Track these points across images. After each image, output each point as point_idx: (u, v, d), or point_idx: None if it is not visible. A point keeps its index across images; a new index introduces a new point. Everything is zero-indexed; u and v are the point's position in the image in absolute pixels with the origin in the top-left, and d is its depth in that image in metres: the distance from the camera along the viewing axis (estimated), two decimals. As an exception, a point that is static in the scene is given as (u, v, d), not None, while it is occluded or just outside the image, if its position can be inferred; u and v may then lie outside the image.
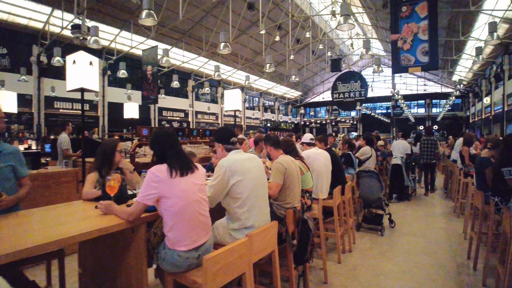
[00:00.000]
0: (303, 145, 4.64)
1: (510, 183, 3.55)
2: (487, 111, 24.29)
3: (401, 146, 7.94)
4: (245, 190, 2.46)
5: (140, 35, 18.09)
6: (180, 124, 26.14)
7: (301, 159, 3.73)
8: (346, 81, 24.38)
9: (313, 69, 34.01)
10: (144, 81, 19.99)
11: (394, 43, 10.29)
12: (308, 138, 4.60)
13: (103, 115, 20.64)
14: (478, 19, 17.18)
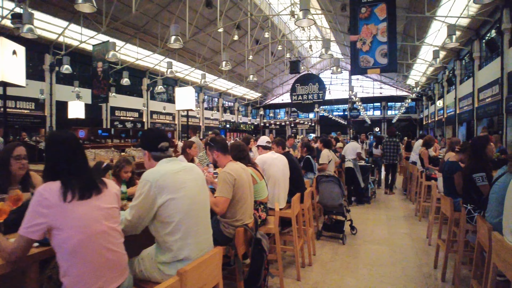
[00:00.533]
0: (258, 149, 4.14)
1: (484, 190, 3.27)
2: (440, 113, 25.35)
3: (351, 147, 7.74)
4: (177, 212, 1.88)
5: (91, 29, 16.82)
6: (134, 125, 24.79)
7: (254, 166, 3.23)
8: (305, 83, 24.41)
9: (273, 70, 33.91)
10: (94, 78, 18.69)
11: (353, 44, 10.15)
12: (264, 141, 4.12)
13: (51, 115, 18.98)
14: (432, 26, 17.73)
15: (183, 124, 30.01)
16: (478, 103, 15.87)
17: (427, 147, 6.49)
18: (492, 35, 13.69)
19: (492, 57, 14.51)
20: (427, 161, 6.33)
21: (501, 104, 12.73)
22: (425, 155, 6.36)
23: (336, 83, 40.92)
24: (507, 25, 12.41)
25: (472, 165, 3.37)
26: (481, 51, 15.90)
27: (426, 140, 6.62)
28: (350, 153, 7.64)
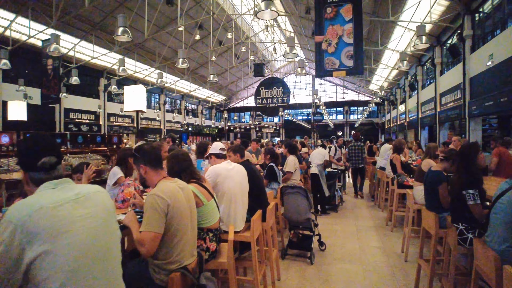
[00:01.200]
0: (210, 158, 3.42)
1: (475, 210, 2.76)
2: (402, 118, 25.81)
3: (318, 153, 7.25)
4: (58, 272, 1.15)
5: (41, 23, 15.35)
6: (89, 128, 23.16)
7: (200, 182, 2.53)
8: (269, 87, 24.14)
9: (237, 73, 33.30)
10: (44, 77, 17.14)
11: (318, 45, 9.71)
12: (217, 148, 3.41)
13: (-8, 116, 17.14)
14: (395, 31, 17.87)
15: (142, 127, 28.64)
16: (440, 108, 16.08)
17: (398, 152, 6.07)
18: (454, 41, 13.84)
19: (453, 63, 14.72)
20: (400, 167, 5.90)
21: (464, 108, 12.87)
22: (397, 161, 5.93)
23: (300, 87, 41.06)
24: (468, 32, 12.56)
25: (462, 179, 2.85)
26: (443, 57, 16.15)
27: (397, 145, 6.19)
28: (317, 159, 7.13)
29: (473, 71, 12.33)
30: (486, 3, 11.79)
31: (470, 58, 12.53)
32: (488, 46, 11.23)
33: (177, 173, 2.35)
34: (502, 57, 10.12)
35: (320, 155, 7.23)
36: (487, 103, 10.95)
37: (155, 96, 31.57)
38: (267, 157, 5.05)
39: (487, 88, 11.23)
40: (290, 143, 5.69)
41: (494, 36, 11.05)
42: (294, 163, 5.22)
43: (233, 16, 20.83)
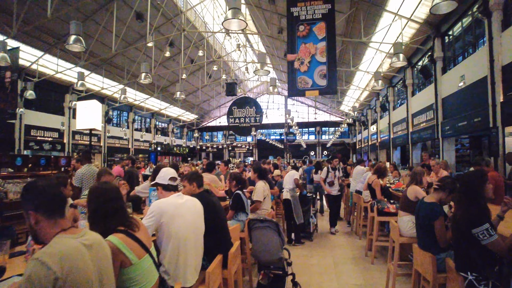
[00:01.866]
0: (157, 189, 2.71)
1: (496, 248, 2.20)
2: (373, 138, 25.95)
3: (289, 177, 6.68)
4: None
5: (0, 32, 14.35)
6: (53, 146, 21.67)
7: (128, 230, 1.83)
8: (242, 107, 23.72)
9: (209, 92, 32.79)
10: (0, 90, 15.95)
11: (291, 64, 9.33)
12: (165, 177, 2.70)
13: None
14: (366, 53, 18.00)
15: (110, 147, 27.33)
16: (412, 128, 16.08)
17: (379, 176, 5.58)
18: (425, 62, 13.94)
19: (425, 84, 14.81)
20: (380, 193, 5.41)
21: (437, 129, 12.81)
22: (377, 186, 5.44)
23: (273, 107, 41.05)
24: (439, 54, 12.65)
25: (470, 215, 2.31)
26: (414, 78, 16.29)
27: (379, 169, 5.70)
28: (289, 183, 6.55)
29: (445, 92, 12.35)
30: (456, 26, 11.93)
31: (442, 79, 12.58)
32: (459, 68, 11.28)
33: (100, 217, 1.69)
34: (474, 78, 10.12)
35: (290, 178, 6.67)
36: (460, 123, 10.88)
37: (124, 114, 30.42)
38: (233, 183, 4.38)
39: (459, 108, 11.20)
40: (259, 167, 5.03)
41: (465, 58, 11.10)
42: (263, 190, 4.60)
43: (204, 34, 20.46)
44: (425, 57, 14.29)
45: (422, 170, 4.17)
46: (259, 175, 4.82)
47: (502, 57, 8.68)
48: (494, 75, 8.85)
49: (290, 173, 6.81)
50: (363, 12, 13.74)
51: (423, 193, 3.88)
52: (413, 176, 4.11)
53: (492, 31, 8.90)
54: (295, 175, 6.84)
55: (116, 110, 28.75)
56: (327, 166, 7.76)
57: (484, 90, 9.33)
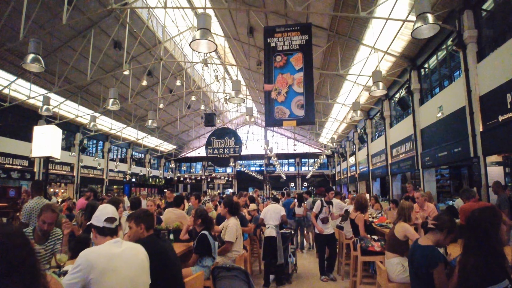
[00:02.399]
0: (92, 232, 2.13)
1: None
2: (352, 170, 25.86)
3: (273, 211, 6.17)
4: None
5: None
6: (22, 175, 20.40)
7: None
8: (221, 137, 23.32)
9: (188, 123, 32.36)
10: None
11: (268, 94, 9.10)
12: (101, 218, 2.09)
13: None
14: (343, 86, 18.17)
15: (83, 177, 26.14)
16: (391, 159, 15.99)
17: (361, 210, 5.16)
18: (402, 94, 14.06)
19: (403, 116, 14.88)
20: (363, 230, 4.97)
21: (417, 159, 12.72)
22: (361, 222, 5.00)
23: (252, 138, 40.90)
24: (416, 86, 12.79)
25: (482, 266, 1.85)
26: (391, 110, 16.41)
27: (360, 202, 5.28)
28: (273, 219, 6.03)
29: (424, 123, 12.36)
30: (431, 59, 12.13)
31: (420, 111, 12.63)
32: (437, 99, 11.34)
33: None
34: (452, 109, 10.12)
35: (276, 214, 6.16)
36: (441, 153, 10.79)
37: (100, 144, 29.46)
38: (198, 221, 3.83)
39: (439, 139, 11.15)
40: (230, 200, 4.50)
41: (442, 89, 11.18)
42: (236, 229, 4.06)
43: (183, 64, 20.32)
44: (402, 89, 14.46)
45: (410, 205, 3.75)
46: (230, 210, 4.29)
47: (479, 87, 8.71)
48: (472, 105, 8.84)
49: (274, 208, 6.31)
50: (340, 45, 13.90)
51: (413, 232, 3.47)
52: (401, 211, 3.70)
53: (468, 62, 8.98)
54: (282, 211, 6.35)
55: (92, 139, 27.80)
56: (320, 199, 6.74)
57: (463, 120, 9.29)
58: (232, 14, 16.25)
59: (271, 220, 6.08)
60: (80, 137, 25.28)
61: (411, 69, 13.00)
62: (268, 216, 6.20)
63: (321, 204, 6.46)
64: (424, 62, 12.48)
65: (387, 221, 6.56)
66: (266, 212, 6.33)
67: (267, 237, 5.81)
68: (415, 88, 12.77)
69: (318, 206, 6.49)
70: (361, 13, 9.39)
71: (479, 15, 9.00)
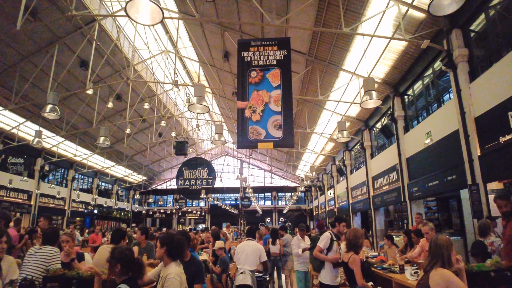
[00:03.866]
0: None
1: None
2: (331, 204, 24.76)
3: (252, 252, 4.89)
4: None
5: None
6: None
7: None
8: (193, 168, 22.04)
9: (160, 152, 30.76)
10: None
11: (241, 112, 8.03)
12: None
13: None
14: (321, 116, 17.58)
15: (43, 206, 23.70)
16: (373, 192, 15.01)
17: (355, 250, 3.95)
18: (385, 122, 13.31)
19: (385, 145, 14.13)
20: (361, 276, 3.72)
21: (403, 190, 11.73)
22: (357, 265, 3.74)
23: (228, 170, 39.54)
24: (399, 112, 12.07)
25: None
26: (372, 140, 15.68)
27: (352, 240, 4.04)
28: (249, 262, 4.75)
29: (410, 151, 11.47)
30: (416, 84, 11.50)
31: (405, 138, 11.81)
32: (424, 124, 10.51)
33: None
34: (442, 134, 9.26)
35: (254, 255, 4.88)
36: (431, 183, 9.78)
37: (63, 171, 27.26)
38: (117, 268, 2.49)
39: (428, 167, 10.22)
40: (170, 238, 2.95)
41: (429, 114, 10.42)
42: (180, 282, 2.69)
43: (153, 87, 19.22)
44: (384, 118, 13.74)
45: (449, 242, 2.53)
46: (171, 252, 2.89)
47: (473, 108, 7.92)
48: (466, 128, 7.98)
49: (252, 247, 5.00)
50: (319, 71, 13.24)
51: (460, 283, 2.28)
52: (436, 251, 2.46)
53: (460, 83, 8.25)
54: (262, 252, 5.05)
55: (53, 165, 25.64)
56: (330, 232, 4.92)
57: (457, 144, 8.41)
58: (207, 37, 15.49)
59: (247, 263, 4.79)
60: (42, 163, 23.20)
61: (394, 95, 12.36)
62: (243, 258, 4.90)
63: (331, 238, 4.72)
64: (408, 88, 11.83)
65: (389, 262, 5.40)
66: (241, 252, 5.02)
67: (239, 286, 4.50)
68: (399, 115, 12.02)
69: (326, 240, 4.70)
70: (344, 29, 8.72)
71: (468, 34, 8.44)
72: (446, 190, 9.41)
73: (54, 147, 22.77)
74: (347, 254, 4.01)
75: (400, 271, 4.76)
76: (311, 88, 15.19)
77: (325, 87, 14.00)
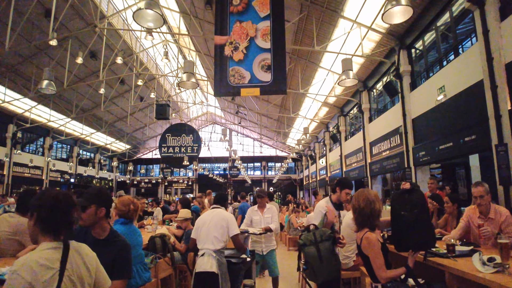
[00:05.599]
0: None
1: None
2: (322, 173, 23.57)
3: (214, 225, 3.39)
4: None
5: None
6: None
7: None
8: (177, 134, 20.49)
9: (143, 119, 28.93)
10: None
11: (220, 49, 6.38)
12: None
13: None
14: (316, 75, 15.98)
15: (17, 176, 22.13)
16: (371, 158, 13.64)
17: (371, 225, 2.52)
18: (387, 80, 11.65)
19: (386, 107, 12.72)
20: (382, 265, 2.32)
21: (407, 156, 10.31)
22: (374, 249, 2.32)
23: (216, 139, 37.98)
24: (406, 68, 10.37)
25: None
26: (371, 102, 14.18)
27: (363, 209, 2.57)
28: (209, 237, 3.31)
29: (416, 111, 9.97)
30: (425, 35, 9.93)
31: (411, 96, 10.32)
32: (436, 79, 8.95)
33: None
34: (460, 87, 7.76)
35: (219, 228, 3.43)
36: (443, 145, 8.34)
37: (39, 138, 25.47)
38: None
39: (439, 128, 8.76)
40: (41, 200, 1.63)
41: (443, 67, 8.88)
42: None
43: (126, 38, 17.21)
44: (386, 76, 12.19)
45: None
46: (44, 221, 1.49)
47: (504, 53, 6.38)
48: (494, 77, 6.47)
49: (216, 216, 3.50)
50: (316, 19, 11.46)
51: None
52: None
53: (488, 22, 6.70)
54: (231, 222, 3.50)
55: (27, 132, 23.81)
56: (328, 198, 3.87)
57: (479, 98, 6.93)
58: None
59: (208, 240, 3.35)
60: (14, 129, 21.39)
61: (399, 48, 10.72)
62: (203, 234, 3.41)
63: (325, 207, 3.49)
64: (416, 39, 10.19)
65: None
66: (201, 225, 3.48)
67: (200, 274, 3.12)
68: (405, 70, 10.42)
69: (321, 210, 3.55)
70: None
71: None
72: (462, 153, 7.95)
73: (27, 113, 20.94)
74: (360, 232, 2.57)
75: (450, 253, 2.88)
76: (305, 41, 13.45)
77: (322, 40, 12.26)
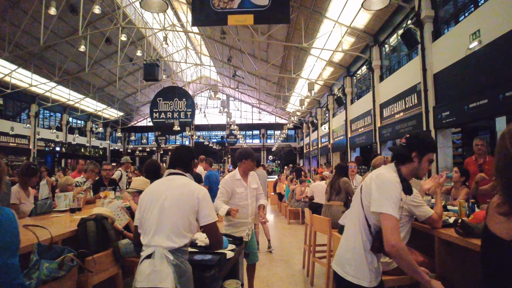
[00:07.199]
0: None
1: None
2: (324, 141, 22.28)
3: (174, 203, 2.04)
4: None
5: None
6: None
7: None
8: (169, 98, 18.99)
9: (134, 84, 27.29)
10: None
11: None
12: None
13: None
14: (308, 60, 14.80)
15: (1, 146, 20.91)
16: (381, 122, 12.21)
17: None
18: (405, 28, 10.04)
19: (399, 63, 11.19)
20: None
21: (426, 117, 8.75)
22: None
23: (213, 106, 36.46)
24: (428, 13, 8.69)
25: None
26: (382, 58, 12.61)
27: None
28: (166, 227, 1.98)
29: (440, 64, 8.37)
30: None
31: (433, 48, 8.75)
32: (468, 23, 7.36)
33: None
34: (503, 29, 6.15)
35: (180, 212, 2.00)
36: (475, 103, 6.84)
37: (25, 106, 23.96)
38: None
39: (470, 83, 7.22)
40: None
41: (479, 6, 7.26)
42: None
43: None
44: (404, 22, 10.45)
45: None
46: None
47: None
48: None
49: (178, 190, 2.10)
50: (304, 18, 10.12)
51: None
52: None
53: None
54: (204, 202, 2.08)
55: (12, 99, 22.30)
56: None
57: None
58: None
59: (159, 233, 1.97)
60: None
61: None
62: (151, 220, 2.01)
63: None
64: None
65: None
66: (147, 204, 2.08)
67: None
68: (427, 15, 8.78)
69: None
70: None
71: None
72: (502, 112, 6.49)
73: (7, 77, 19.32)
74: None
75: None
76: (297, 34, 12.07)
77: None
